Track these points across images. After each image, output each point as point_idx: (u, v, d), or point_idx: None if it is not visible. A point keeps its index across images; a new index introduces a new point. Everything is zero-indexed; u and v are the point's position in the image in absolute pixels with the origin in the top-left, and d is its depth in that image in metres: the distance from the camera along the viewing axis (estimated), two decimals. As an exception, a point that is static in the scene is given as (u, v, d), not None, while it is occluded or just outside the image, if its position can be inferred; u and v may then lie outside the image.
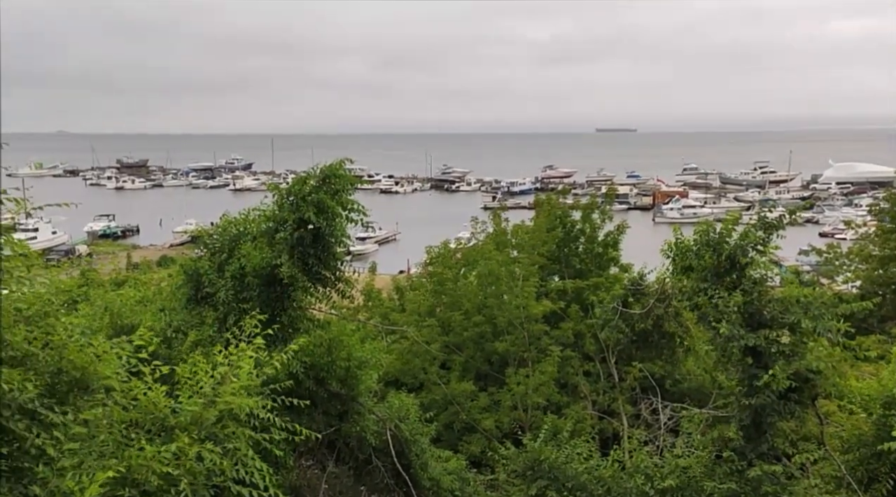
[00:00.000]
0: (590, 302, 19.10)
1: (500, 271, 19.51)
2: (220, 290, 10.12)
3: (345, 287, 10.96)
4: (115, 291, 14.30)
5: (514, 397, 17.34)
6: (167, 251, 74.58)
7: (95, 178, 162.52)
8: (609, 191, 25.63)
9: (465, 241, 25.49)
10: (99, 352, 5.09)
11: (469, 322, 19.38)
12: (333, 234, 10.36)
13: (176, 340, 10.11)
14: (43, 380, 4.81)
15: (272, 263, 9.89)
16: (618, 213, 26.57)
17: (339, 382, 10.99)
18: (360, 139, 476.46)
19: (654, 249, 16.15)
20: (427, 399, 17.42)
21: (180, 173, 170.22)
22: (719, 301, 10.40)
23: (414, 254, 47.80)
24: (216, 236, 11.03)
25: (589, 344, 18.88)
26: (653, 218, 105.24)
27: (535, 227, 22.44)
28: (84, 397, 5.00)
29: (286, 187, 10.75)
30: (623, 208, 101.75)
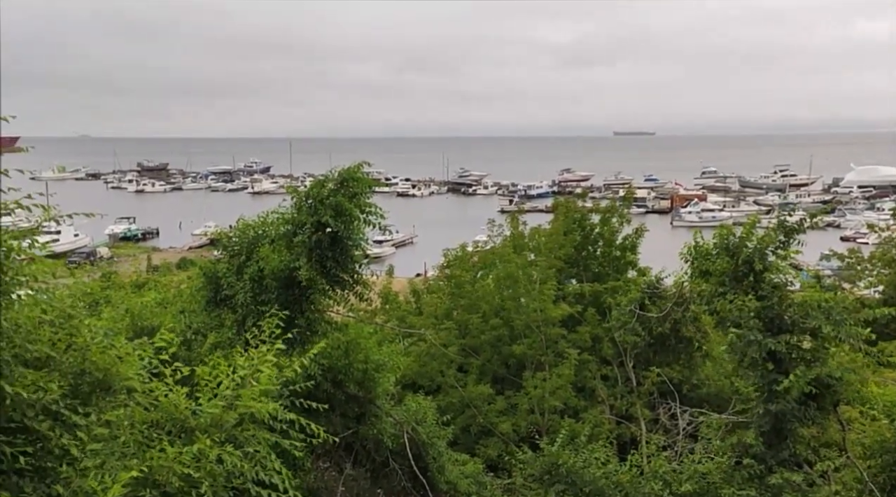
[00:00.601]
0: (607, 305, 19.04)
1: (518, 274, 19.47)
2: (239, 293, 10.19)
3: (362, 290, 11.00)
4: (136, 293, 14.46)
5: (532, 401, 17.28)
6: (186, 254, 75.25)
7: (116, 181, 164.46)
8: (627, 194, 25.46)
9: (482, 244, 25.45)
10: (121, 353, 5.14)
11: (486, 325, 19.34)
12: (351, 237, 10.42)
13: (195, 342, 10.19)
14: (66, 381, 4.87)
15: (290, 266, 9.95)
16: (635, 217, 26.43)
17: (357, 385, 11.02)
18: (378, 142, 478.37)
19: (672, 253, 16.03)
20: (444, 402, 17.40)
21: (199, 177, 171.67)
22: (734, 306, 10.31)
23: (431, 257, 47.87)
24: (235, 239, 11.12)
25: (606, 348, 18.78)
26: (671, 222, 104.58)
27: (553, 231, 22.37)
28: (106, 398, 5.06)
29: (304, 190, 10.82)
30: (641, 212, 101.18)
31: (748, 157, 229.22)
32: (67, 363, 4.98)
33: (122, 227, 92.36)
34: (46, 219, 5.29)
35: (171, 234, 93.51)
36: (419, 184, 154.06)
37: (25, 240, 5.02)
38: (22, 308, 4.80)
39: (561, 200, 25.10)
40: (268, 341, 5.98)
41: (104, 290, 11.14)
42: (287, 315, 6.80)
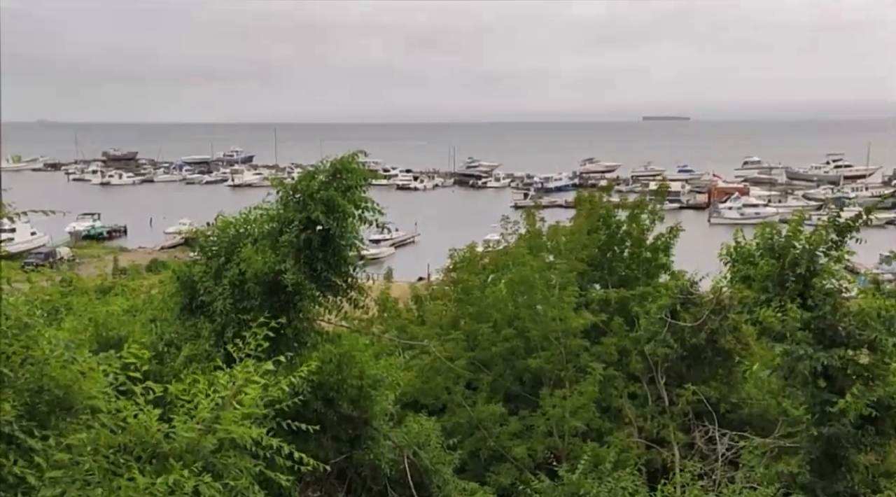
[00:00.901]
0: (635, 314, 18.99)
1: (534, 278, 19.45)
2: (218, 299, 10.21)
3: (357, 296, 11.01)
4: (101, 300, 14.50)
5: (549, 422, 17.26)
6: (158, 254, 75.53)
7: (79, 172, 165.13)
8: (660, 187, 25.41)
9: (493, 245, 25.43)
10: (84, 368, 5.14)
11: (498, 336, 19.33)
12: (344, 236, 10.43)
13: (168, 355, 10.21)
14: (22, 399, 4.87)
15: (276, 269, 9.97)
16: (669, 213, 26.38)
17: (351, 404, 11.03)
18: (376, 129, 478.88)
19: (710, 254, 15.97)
20: (450, 423, 17.37)
21: (173, 167, 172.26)
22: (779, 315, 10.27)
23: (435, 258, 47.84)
24: (213, 238, 11.13)
25: (635, 362, 18.72)
26: (708, 218, 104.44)
27: (575, 229, 22.34)
28: (67, 419, 5.06)
29: (291, 183, 10.83)
30: (674, 207, 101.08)
31: (796, 145, 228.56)
32: (23, 379, 4.98)
33: (86, 224, 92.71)
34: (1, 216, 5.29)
35: (140, 233, 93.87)
36: (422, 176, 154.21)
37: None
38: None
39: (584, 194, 25.04)
40: (253, 355, 5.98)
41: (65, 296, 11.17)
42: (277, 324, 6.78)
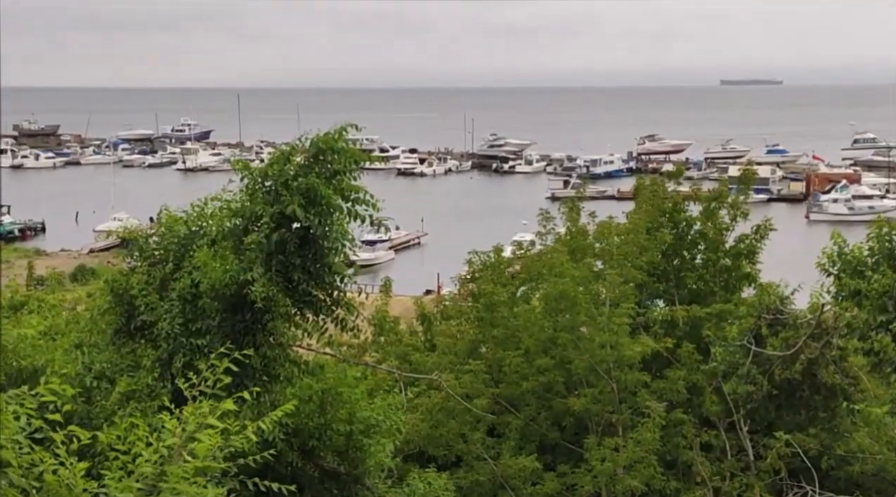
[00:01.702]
0: (710, 339, 18.90)
1: (577, 292, 19.42)
2: (163, 319, 10.27)
3: (345, 314, 11.04)
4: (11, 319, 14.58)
5: (597, 481, 17.23)
6: (86, 259, 76.00)
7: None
8: (745, 173, 25.29)
9: (525, 247, 25.40)
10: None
11: (530, 367, 19.30)
12: (329, 237, 10.47)
13: (98, 391, 10.26)
14: None
15: (239, 279, 10.02)
16: (755, 207, 26.28)
17: (337, 456, 11.04)
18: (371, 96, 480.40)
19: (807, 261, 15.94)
20: (467, 481, 17.35)
21: (105, 145, 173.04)
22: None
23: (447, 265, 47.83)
24: (156, 239, 11.19)
25: (709, 403, 18.64)
26: (806, 214, 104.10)
27: (631, 227, 22.29)
28: (-35, 476, 5.08)
29: (260, 167, 10.89)
30: (762, 200, 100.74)
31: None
32: None
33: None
34: None
35: (63, 231, 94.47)
36: (430, 157, 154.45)
37: None
38: None
39: (643, 182, 24.95)
40: (210, 393, 6.00)
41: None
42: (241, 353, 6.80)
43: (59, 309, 20.84)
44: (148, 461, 5.34)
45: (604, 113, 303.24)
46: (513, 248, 25.07)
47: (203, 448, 5.41)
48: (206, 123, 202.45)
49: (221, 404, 5.76)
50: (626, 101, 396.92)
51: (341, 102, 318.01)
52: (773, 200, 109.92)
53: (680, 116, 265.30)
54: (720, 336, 18.39)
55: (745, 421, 15.48)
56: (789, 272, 20.36)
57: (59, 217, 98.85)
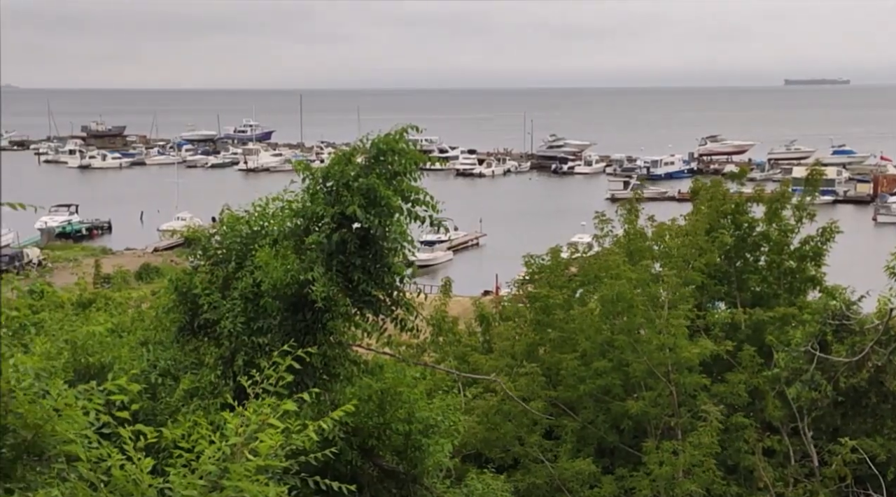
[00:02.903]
0: (773, 343, 18.68)
1: (635, 295, 19.30)
2: (226, 317, 10.39)
3: (405, 314, 11.09)
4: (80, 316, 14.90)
5: (656, 485, 17.11)
6: (150, 258, 77.16)
7: (53, 152, 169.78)
8: (811, 174, 24.94)
9: (583, 249, 25.31)
10: (59, 404, 5.28)
11: (587, 370, 19.25)
12: (389, 237, 10.52)
13: (163, 388, 10.43)
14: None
15: (300, 279, 10.10)
16: (820, 209, 25.88)
17: (396, 455, 11.09)
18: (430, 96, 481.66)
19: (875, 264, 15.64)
20: (524, 483, 17.35)
21: (170, 146, 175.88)
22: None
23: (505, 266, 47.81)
24: (219, 238, 11.33)
25: (772, 407, 18.42)
26: (873, 216, 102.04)
27: (691, 229, 22.11)
28: (37, 469, 5.20)
29: (322, 168, 10.97)
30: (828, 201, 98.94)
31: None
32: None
33: (61, 218, 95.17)
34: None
35: (128, 230, 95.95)
36: (489, 158, 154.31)
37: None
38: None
39: (704, 183, 24.77)
40: (272, 391, 6.06)
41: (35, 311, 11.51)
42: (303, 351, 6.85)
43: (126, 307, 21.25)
44: (211, 459, 5.42)
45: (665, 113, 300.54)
46: (570, 249, 24.96)
47: (265, 447, 5.47)
48: (267, 124, 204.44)
49: (283, 404, 5.82)
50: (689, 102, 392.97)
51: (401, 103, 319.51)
52: (839, 202, 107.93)
53: (743, 117, 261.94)
54: (783, 340, 18.15)
55: (810, 427, 15.25)
56: (856, 276, 20.05)
57: (124, 216, 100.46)
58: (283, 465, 5.65)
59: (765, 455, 18.22)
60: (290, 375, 6.23)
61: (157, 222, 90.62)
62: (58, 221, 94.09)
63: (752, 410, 19.07)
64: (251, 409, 5.76)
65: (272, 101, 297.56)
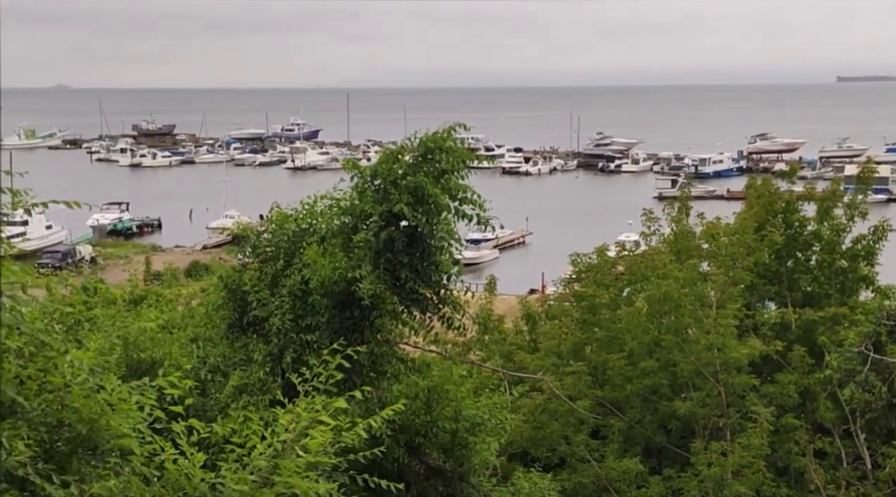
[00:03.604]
0: (825, 344, 18.47)
1: (682, 294, 19.19)
2: (274, 314, 10.48)
3: (451, 312, 11.10)
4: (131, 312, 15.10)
5: (704, 486, 16.99)
6: (199, 255, 78.02)
7: (104, 150, 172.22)
8: (863, 172, 24.62)
9: (630, 248, 25.18)
10: (113, 399, 5.37)
11: (634, 370, 19.17)
12: (436, 236, 10.53)
13: (212, 384, 10.54)
14: (38, 436, 5.13)
15: (348, 276, 10.16)
16: (873, 208, 25.57)
17: (443, 453, 11.12)
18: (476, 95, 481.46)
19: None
20: (571, 482, 17.35)
21: (218, 145, 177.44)
22: None
23: (551, 264, 47.61)
24: (267, 236, 11.42)
25: (823, 409, 18.22)
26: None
27: (740, 227, 21.94)
28: (91, 462, 5.29)
29: (370, 166, 11.02)
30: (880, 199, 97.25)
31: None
32: (39, 411, 5.24)
33: (112, 216, 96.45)
34: (16, 207, 5.56)
35: (178, 228, 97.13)
36: (535, 156, 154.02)
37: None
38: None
39: (754, 182, 24.58)
40: (322, 388, 6.10)
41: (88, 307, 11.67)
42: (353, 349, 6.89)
43: (176, 303, 21.49)
44: (262, 454, 5.47)
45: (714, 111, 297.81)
46: (618, 248, 24.87)
47: (315, 443, 5.51)
48: (314, 123, 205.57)
49: (333, 402, 5.86)
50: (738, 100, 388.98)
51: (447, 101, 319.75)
52: (892, 200, 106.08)
53: (793, 114, 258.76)
54: (836, 341, 17.94)
55: (863, 429, 15.05)
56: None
57: (174, 214, 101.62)
58: (332, 462, 5.69)
59: (816, 457, 18.03)
60: (340, 374, 6.26)
61: (206, 220, 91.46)
62: (109, 219, 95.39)
63: (803, 412, 18.91)
64: (302, 405, 5.80)
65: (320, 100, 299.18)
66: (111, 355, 10.18)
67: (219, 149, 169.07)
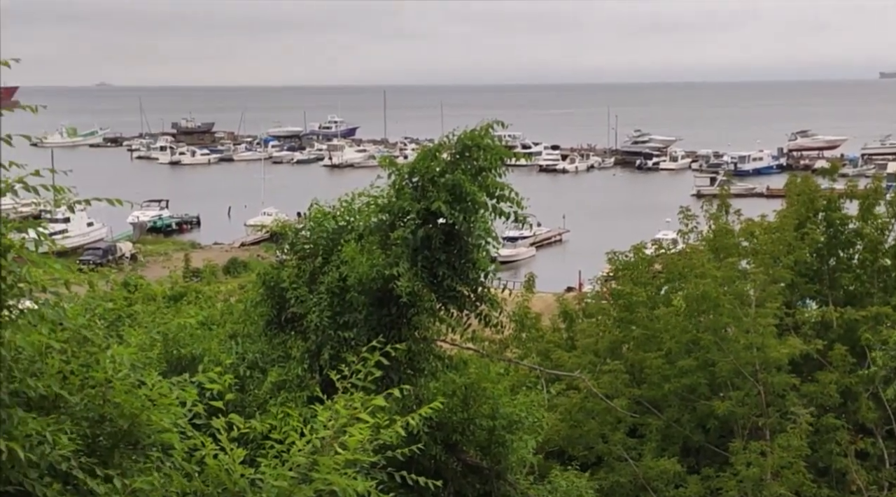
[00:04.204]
0: (866, 343, 18.28)
1: (721, 293, 19.07)
2: (312, 311, 10.53)
3: (489, 310, 11.10)
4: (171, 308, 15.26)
5: (743, 486, 16.89)
6: (238, 252, 78.54)
7: (144, 148, 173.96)
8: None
9: (667, 246, 25.04)
10: (154, 395, 5.43)
11: (672, 368, 19.09)
12: (473, 233, 10.54)
13: (251, 380, 10.62)
14: (81, 430, 5.20)
15: (385, 273, 10.19)
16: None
17: (480, 451, 11.13)
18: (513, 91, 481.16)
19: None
20: (608, 481, 17.31)
21: (256, 142, 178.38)
22: None
23: (588, 262, 47.41)
24: (305, 233, 11.49)
25: (865, 409, 18.04)
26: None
27: (780, 225, 21.78)
28: (132, 457, 5.36)
29: (407, 163, 11.04)
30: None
31: None
32: (82, 406, 5.31)
33: (152, 213, 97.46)
34: (58, 204, 5.63)
35: (216, 225, 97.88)
36: (573, 154, 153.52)
37: (29, 232, 5.37)
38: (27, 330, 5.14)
39: (794, 179, 24.38)
40: (360, 386, 6.12)
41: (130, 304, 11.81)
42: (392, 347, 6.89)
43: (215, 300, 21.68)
44: (301, 451, 5.51)
45: (754, 108, 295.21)
46: (655, 246, 24.75)
47: (354, 441, 5.53)
48: (352, 121, 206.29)
49: (373, 400, 5.87)
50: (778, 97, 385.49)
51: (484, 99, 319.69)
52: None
53: (835, 111, 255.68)
54: (879, 340, 17.77)
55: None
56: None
57: (212, 211, 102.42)
58: (371, 459, 5.71)
59: (858, 458, 17.87)
60: (379, 371, 6.28)
61: (244, 217, 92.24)
62: (149, 216, 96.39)
63: (844, 411, 18.74)
64: (341, 402, 5.83)
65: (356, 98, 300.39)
66: (152, 351, 10.34)
67: (257, 146, 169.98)
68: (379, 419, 5.78)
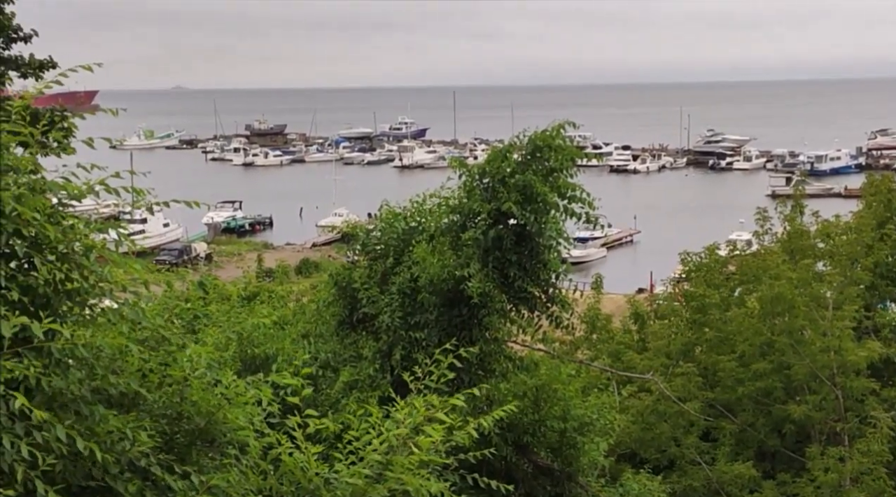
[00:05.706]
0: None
1: (796, 295, 18.75)
2: (384, 312, 10.60)
3: (559, 311, 11.07)
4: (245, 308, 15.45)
5: (821, 492, 16.59)
6: (309, 253, 79.36)
7: (218, 150, 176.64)
8: None
9: (741, 247, 24.68)
10: (230, 393, 5.52)
11: (746, 372, 18.83)
12: (544, 234, 10.51)
13: (323, 380, 10.72)
14: (159, 428, 5.31)
15: (456, 274, 10.20)
16: None
17: (551, 452, 11.10)
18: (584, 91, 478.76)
19: None
20: (680, 485, 17.15)
21: (328, 144, 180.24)
22: None
23: (660, 263, 47.01)
24: (377, 234, 11.57)
25: (948, 414, 17.57)
26: None
27: (858, 225, 21.36)
28: (209, 455, 5.45)
29: (477, 164, 11.06)
30: None
31: None
32: (160, 403, 5.42)
33: (226, 214, 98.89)
34: (138, 205, 5.75)
35: (288, 225, 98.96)
36: (644, 154, 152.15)
37: (110, 233, 5.50)
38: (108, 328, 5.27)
39: (874, 179, 23.89)
40: (434, 387, 6.14)
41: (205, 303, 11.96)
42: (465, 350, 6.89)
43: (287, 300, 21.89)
44: (376, 450, 5.55)
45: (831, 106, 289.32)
46: (729, 247, 24.42)
47: (428, 442, 5.55)
48: (422, 121, 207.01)
49: (450, 400, 5.89)
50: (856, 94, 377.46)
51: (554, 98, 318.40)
52: None
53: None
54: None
55: None
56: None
57: (284, 212, 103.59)
58: (444, 461, 5.72)
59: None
60: (452, 373, 6.29)
61: (316, 218, 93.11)
62: (223, 217, 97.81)
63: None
64: (419, 403, 5.85)
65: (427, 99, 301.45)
66: (227, 350, 10.47)
67: (328, 148, 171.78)
68: (452, 420, 5.79)
